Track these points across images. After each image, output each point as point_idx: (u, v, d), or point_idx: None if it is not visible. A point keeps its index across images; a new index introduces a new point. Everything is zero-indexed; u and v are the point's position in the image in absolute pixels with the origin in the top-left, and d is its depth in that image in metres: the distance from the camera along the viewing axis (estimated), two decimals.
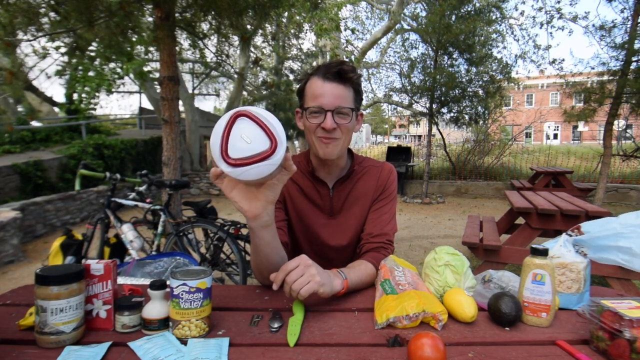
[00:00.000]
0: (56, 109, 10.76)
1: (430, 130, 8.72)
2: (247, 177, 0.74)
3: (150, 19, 4.64)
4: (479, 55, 8.22)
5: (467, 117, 8.96)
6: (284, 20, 8.74)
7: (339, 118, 1.06)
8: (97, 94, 3.84)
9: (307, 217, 1.21)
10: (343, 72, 1.04)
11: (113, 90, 3.90)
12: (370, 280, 1.06)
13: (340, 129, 1.07)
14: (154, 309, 0.81)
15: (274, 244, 0.94)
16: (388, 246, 1.16)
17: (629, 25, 6.04)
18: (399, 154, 10.47)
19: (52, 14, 3.92)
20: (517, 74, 11.02)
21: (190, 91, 10.97)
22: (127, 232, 2.89)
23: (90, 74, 3.68)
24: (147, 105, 11.99)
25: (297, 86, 1.18)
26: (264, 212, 0.86)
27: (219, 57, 6.95)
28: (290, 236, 1.23)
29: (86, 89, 3.73)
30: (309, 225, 1.21)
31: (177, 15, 4.21)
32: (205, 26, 5.40)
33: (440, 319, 0.83)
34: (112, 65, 4.12)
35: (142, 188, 3.18)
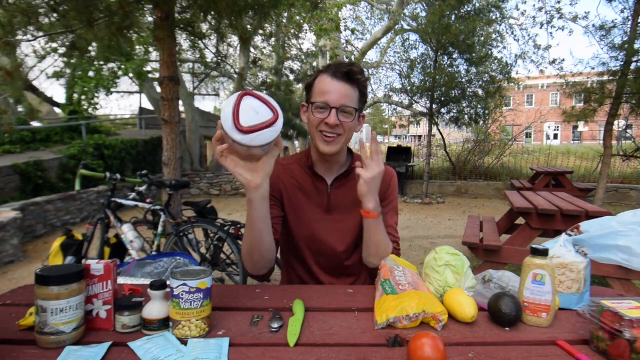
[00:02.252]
0: (57, 109, 10.75)
1: (430, 130, 8.72)
2: (257, 142, 0.85)
3: (150, 19, 4.64)
4: (479, 55, 8.21)
5: (467, 117, 8.95)
6: (284, 20, 8.74)
7: (343, 116, 1.10)
8: (96, 94, 3.84)
9: (303, 212, 1.22)
10: (352, 73, 1.09)
11: (112, 90, 3.90)
12: (384, 250, 1.12)
13: (342, 126, 1.11)
14: (154, 309, 0.81)
15: (268, 220, 1.03)
16: (397, 251, 1.23)
17: (628, 26, 6.04)
18: (399, 154, 10.47)
19: (51, 14, 3.92)
20: (517, 74, 11.02)
21: (190, 91, 10.96)
22: (127, 232, 2.89)
23: (90, 74, 3.68)
24: (147, 105, 11.99)
25: (298, 85, 1.22)
26: (264, 182, 0.95)
27: (219, 57, 6.94)
28: (287, 232, 1.24)
29: (85, 89, 3.73)
30: (305, 220, 1.22)
31: (176, 15, 4.21)
32: (204, 26, 5.40)
33: (440, 319, 0.83)
34: (110, 65, 4.12)
35: (142, 188, 3.18)
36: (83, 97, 3.88)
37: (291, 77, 10.16)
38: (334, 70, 1.10)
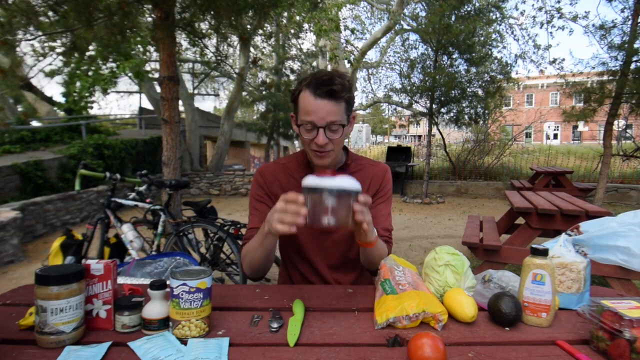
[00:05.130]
0: (56, 109, 10.74)
1: (430, 130, 8.72)
2: (341, 185, 0.85)
3: (150, 19, 4.64)
4: (479, 55, 8.21)
5: (467, 117, 8.95)
6: (284, 20, 8.73)
7: (331, 133, 1.10)
8: (92, 91, 3.83)
9: None
10: (334, 92, 1.07)
11: (109, 90, 3.89)
12: (383, 255, 1.14)
13: (332, 142, 1.12)
14: (154, 309, 0.81)
15: (276, 241, 1.13)
16: (390, 240, 1.27)
17: (628, 25, 6.04)
18: (399, 154, 10.47)
19: (50, 14, 3.91)
20: (517, 74, 11.03)
21: (190, 91, 10.96)
22: (127, 232, 2.89)
23: (89, 73, 3.67)
24: (147, 105, 11.98)
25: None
26: None
27: (218, 57, 6.94)
28: None
29: (80, 87, 3.72)
30: None
31: (176, 15, 4.20)
32: (204, 26, 5.40)
33: (440, 319, 0.83)
34: (110, 65, 4.11)
35: (142, 188, 3.18)
36: (75, 93, 3.87)
37: (291, 77, 10.17)
38: (316, 88, 1.06)
